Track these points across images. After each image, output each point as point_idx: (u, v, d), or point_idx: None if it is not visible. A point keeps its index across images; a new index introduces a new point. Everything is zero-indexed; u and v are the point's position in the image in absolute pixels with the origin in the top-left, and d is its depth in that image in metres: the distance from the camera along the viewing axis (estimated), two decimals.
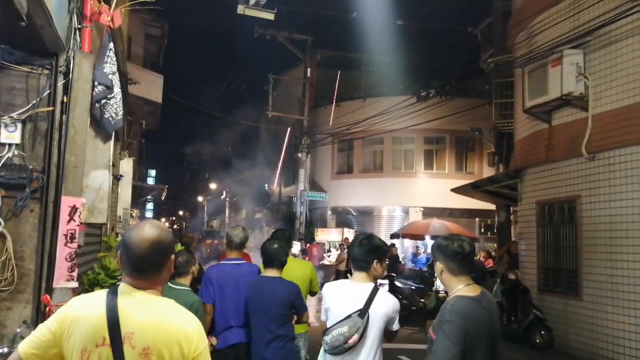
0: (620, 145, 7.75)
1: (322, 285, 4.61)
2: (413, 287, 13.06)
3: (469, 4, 20.53)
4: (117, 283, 2.71)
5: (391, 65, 22.88)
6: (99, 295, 1.93)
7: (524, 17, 10.12)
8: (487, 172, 18.66)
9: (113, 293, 1.91)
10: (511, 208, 14.49)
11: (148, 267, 1.92)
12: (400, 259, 18.41)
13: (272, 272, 4.21)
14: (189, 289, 4.13)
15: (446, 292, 2.87)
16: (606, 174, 8.03)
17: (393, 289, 11.86)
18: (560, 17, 8.93)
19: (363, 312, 3.08)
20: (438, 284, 11.69)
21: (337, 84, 23.02)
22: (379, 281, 3.29)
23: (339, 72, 23.60)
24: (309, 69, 23.68)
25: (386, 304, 3.16)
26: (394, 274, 13.40)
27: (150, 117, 19.41)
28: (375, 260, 3.24)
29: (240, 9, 6.63)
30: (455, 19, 21.21)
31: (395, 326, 3.21)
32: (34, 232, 4.55)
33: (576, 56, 8.39)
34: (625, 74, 7.73)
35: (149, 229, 1.97)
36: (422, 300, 12.29)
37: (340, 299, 3.21)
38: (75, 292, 4.64)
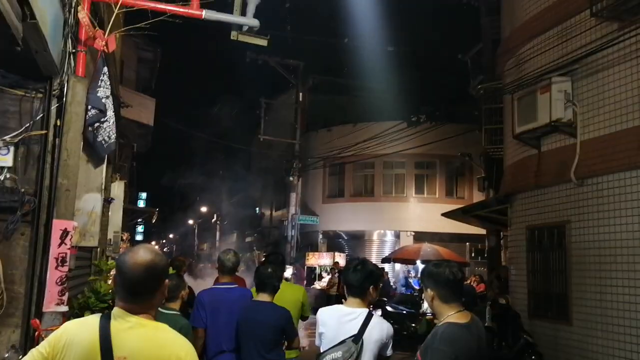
0: (608, 172, 7.84)
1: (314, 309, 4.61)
2: (404, 312, 13.02)
3: (459, 31, 20.85)
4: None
5: (382, 91, 23.14)
6: (93, 319, 1.95)
7: (512, 44, 10.30)
8: (478, 197, 18.76)
9: (106, 317, 1.92)
10: (501, 233, 14.54)
11: (142, 291, 1.94)
12: (392, 284, 18.37)
13: (264, 297, 4.21)
14: (179, 313, 4.12)
15: (433, 315, 2.89)
16: (595, 199, 8.11)
17: (384, 314, 11.82)
18: (548, 45, 9.09)
19: (357, 338, 3.09)
20: (425, 307, 11.66)
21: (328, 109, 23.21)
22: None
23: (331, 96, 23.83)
24: (300, 94, 23.86)
25: (380, 330, 3.16)
26: (384, 299, 13.36)
27: (142, 140, 19.43)
28: (371, 287, 3.26)
29: (234, 35, 6.67)
30: (445, 46, 21.53)
31: (389, 352, 3.21)
32: (25, 256, 4.52)
33: (564, 83, 8.52)
34: (612, 101, 7.86)
35: (143, 253, 1.98)
36: (413, 325, 12.25)
37: (334, 324, 3.21)
38: (65, 316, 4.60)
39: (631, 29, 7.36)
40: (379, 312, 11.66)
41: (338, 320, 3.21)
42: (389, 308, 13.09)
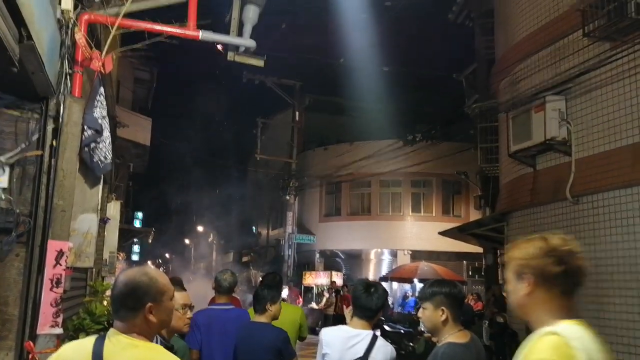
0: (603, 189, 7.87)
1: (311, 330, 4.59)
2: (402, 331, 12.95)
3: (453, 51, 21.06)
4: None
5: (378, 110, 23.27)
6: (89, 341, 1.96)
7: (507, 64, 10.39)
8: (474, 215, 18.76)
9: (102, 338, 1.93)
10: (498, 251, 14.52)
11: (120, 308, 1.95)
12: (389, 303, 18.29)
13: (261, 318, 4.18)
14: (175, 334, 4.07)
15: (431, 333, 2.87)
16: (590, 217, 8.12)
17: (382, 333, 11.75)
18: (542, 64, 9.18)
19: None
20: (422, 326, 11.60)
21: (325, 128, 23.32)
22: None
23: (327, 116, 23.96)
24: (297, 113, 23.97)
25: (384, 352, 3.16)
26: (382, 318, 13.30)
27: (138, 159, 19.43)
28: (381, 310, 3.28)
29: (230, 56, 6.73)
30: (440, 66, 21.71)
31: None
32: (19, 277, 4.48)
33: (558, 102, 8.58)
34: (606, 120, 7.92)
35: (132, 271, 2.01)
36: (411, 344, 12.16)
37: (339, 346, 3.19)
38: (60, 338, 4.56)
39: (623, 49, 7.44)
40: (378, 331, 11.59)
41: (343, 342, 3.19)
42: (386, 327, 13.01)
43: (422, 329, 11.49)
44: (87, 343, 1.95)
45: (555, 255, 1.85)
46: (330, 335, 3.29)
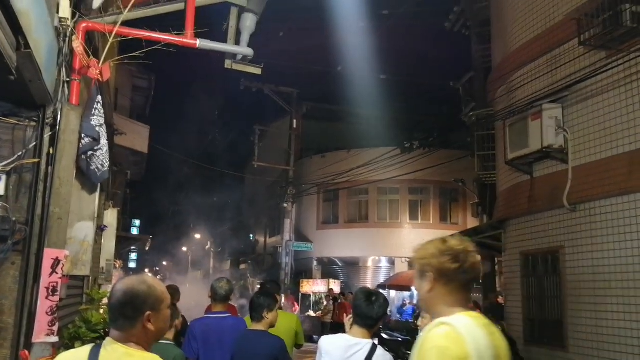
0: (600, 197, 7.89)
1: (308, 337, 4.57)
2: (400, 339, 12.91)
3: (450, 59, 21.14)
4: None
5: (375, 118, 23.32)
6: (85, 350, 1.95)
7: (503, 72, 10.43)
8: (472, 222, 18.77)
9: (98, 347, 1.93)
10: (496, 259, 14.51)
11: (118, 317, 1.94)
12: (387, 311, 18.25)
13: (257, 326, 4.16)
14: (172, 342, 4.07)
15: None
16: (588, 224, 8.13)
17: (380, 341, 11.71)
18: (538, 72, 9.21)
19: None
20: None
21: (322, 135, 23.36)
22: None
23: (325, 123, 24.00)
24: (294, 121, 23.99)
25: None
26: (380, 326, 13.26)
27: (136, 167, 19.40)
28: (381, 319, 3.28)
29: (228, 64, 6.74)
30: (437, 74, 21.77)
31: None
32: (15, 285, 4.47)
33: (555, 110, 8.62)
34: (602, 128, 7.95)
35: (130, 280, 2.00)
36: (409, 352, 12.14)
37: (339, 355, 3.18)
38: (55, 347, 4.54)
39: (618, 57, 7.49)
40: (376, 340, 11.57)
41: (343, 351, 3.18)
42: (384, 335, 12.97)
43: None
44: (83, 352, 1.94)
45: (451, 254, 2.04)
46: (329, 344, 3.28)
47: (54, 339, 4.51)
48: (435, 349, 1.85)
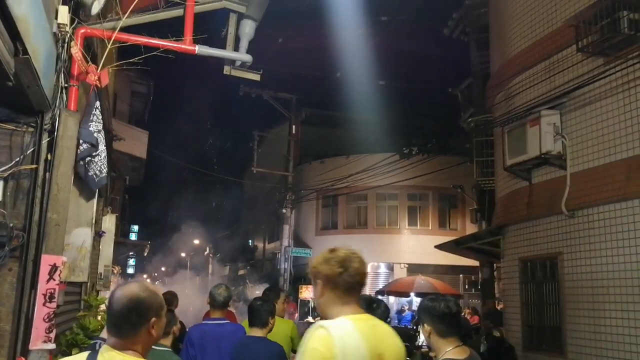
0: (598, 203, 7.89)
1: None
2: None
3: (449, 65, 21.18)
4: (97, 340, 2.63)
5: (374, 124, 23.35)
6: (82, 357, 1.95)
7: (502, 78, 10.45)
8: (470, 228, 18.76)
9: (95, 354, 1.92)
10: (495, 265, 14.50)
11: (122, 325, 1.92)
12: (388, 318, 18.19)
13: (256, 332, 4.16)
14: (170, 349, 4.05)
15: (429, 348, 2.87)
16: (586, 230, 8.13)
17: None
18: (537, 79, 9.23)
19: None
20: (422, 341, 11.55)
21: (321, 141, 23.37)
22: None
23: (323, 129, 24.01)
24: (293, 126, 24.00)
25: None
26: None
27: (135, 172, 19.41)
28: None
29: (227, 70, 6.75)
30: (436, 80, 21.82)
31: None
32: (12, 292, 4.44)
33: (553, 116, 8.63)
34: (600, 134, 7.96)
35: (132, 286, 1.99)
36: (408, 358, 12.10)
37: None
38: (53, 353, 4.52)
39: (616, 64, 7.50)
40: None
41: None
42: None
43: (421, 344, 11.45)
44: (79, 359, 1.94)
45: (336, 260, 2.24)
46: None
47: (51, 345, 4.48)
48: (308, 350, 2.08)
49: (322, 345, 2.07)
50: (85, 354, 1.96)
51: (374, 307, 3.24)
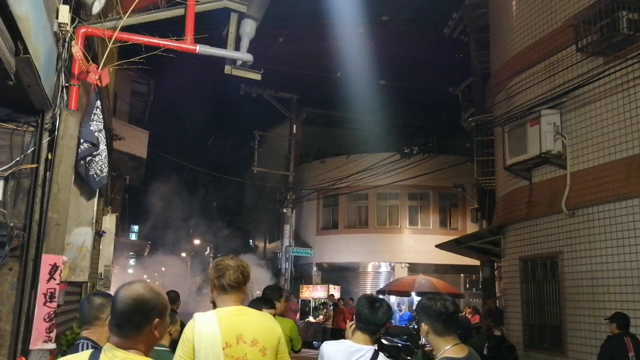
0: (598, 202, 7.90)
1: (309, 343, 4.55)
2: (399, 345, 12.88)
3: (449, 65, 21.19)
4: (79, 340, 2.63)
5: (375, 123, 23.36)
6: (84, 355, 1.95)
7: (502, 78, 10.45)
8: (471, 228, 18.76)
9: (97, 352, 1.92)
10: (495, 264, 14.51)
11: (126, 324, 1.92)
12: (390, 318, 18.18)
13: None
14: (168, 349, 4.05)
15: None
16: (586, 230, 8.14)
17: (380, 347, 11.70)
18: (537, 78, 9.24)
19: None
20: (424, 340, 11.58)
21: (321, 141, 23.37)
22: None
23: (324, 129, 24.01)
24: (294, 126, 24.00)
25: None
26: (377, 333, 13.22)
27: (135, 172, 19.40)
28: (384, 326, 3.29)
29: (228, 69, 6.75)
30: (436, 80, 21.81)
31: None
32: (12, 292, 4.44)
33: (553, 116, 8.63)
34: (600, 134, 7.97)
35: (137, 286, 1.98)
36: (409, 358, 12.12)
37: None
38: (53, 353, 4.52)
39: (615, 63, 7.52)
40: (376, 345, 11.54)
41: (345, 357, 3.17)
42: (384, 341, 12.94)
43: (424, 342, 11.48)
44: (82, 357, 1.95)
45: (216, 267, 3.03)
46: (332, 350, 3.26)
47: (52, 345, 4.48)
48: (183, 333, 2.92)
49: (188, 329, 2.89)
50: (88, 351, 1.96)
51: (376, 306, 3.25)
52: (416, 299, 17.42)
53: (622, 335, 6.26)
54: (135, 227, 28.81)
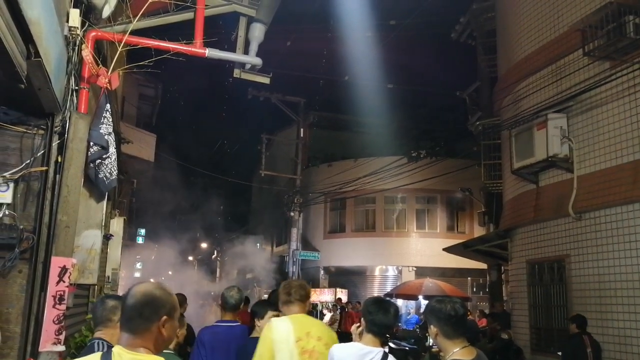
0: (605, 206, 7.88)
1: None
2: (407, 348, 12.87)
3: (457, 69, 21.18)
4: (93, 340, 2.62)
5: (382, 127, 23.33)
6: (94, 357, 1.95)
7: (509, 82, 10.45)
8: (478, 231, 18.71)
9: (108, 354, 1.92)
10: (502, 267, 14.47)
11: (135, 318, 1.93)
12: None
13: (256, 333, 4.17)
14: (172, 352, 4.06)
15: (439, 348, 2.89)
16: (593, 233, 8.12)
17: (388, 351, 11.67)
18: (543, 82, 9.23)
19: None
20: (431, 342, 11.56)
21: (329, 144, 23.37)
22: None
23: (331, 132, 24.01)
24: (301, 130, 24.03)
25: None
26: (387, 335, 13.21)
27: (142, 176, 19.49)
28: (393, 327, 3.31)
29: (237, 73, 6.78)
30: (443, 84, 21.80)
31: None
32: (22, 294, 4.46)
33: (560, 120, 8.63)
34: (607, 137, 7.96)
35: (147, 284, 2.03)
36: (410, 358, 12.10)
37: None
38: (62, 356, 4.53)
39: (622, 67, 7.51)
40: (387, 347, 11.53)
41: (354, 359, 3.19)
42: (391, 344, 12.92)
43: (431, 344, 11.47)
44: (94, 358, 1.94)
45: (285, 287, 3.92)
46: (342, 352, 3.27)
47: (61, 347, 4.49)
48: (262, 335, 3.70)
49: (267, 330, 3.66)
50: (98, 354, 1.96)
51: (385, 307, 3.26)
52: (423, 302, 17.39)
53: (581, 334, 7.29)
54: (142, 231, 28.81)
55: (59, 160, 4.73)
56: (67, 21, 4.76)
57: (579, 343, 7.23)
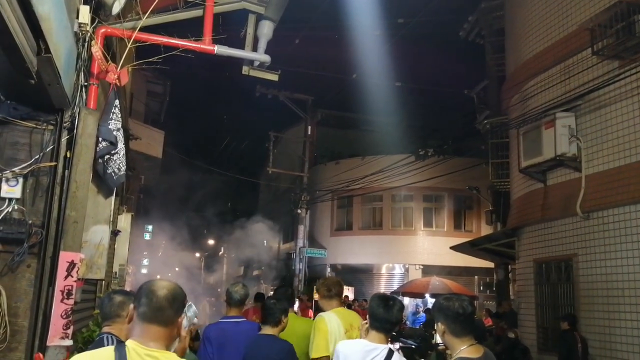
0: (613, 205, 7.85)
1: None
2: (413, 347, 12.85)
3: (465, 68, 21.10)
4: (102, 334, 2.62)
5: (390, 125, 23.29)
6: (107, 351, 1.93)
7: (517, 81, 10.41)
8: (485, 230, 18.67)
9: (121, 347, 1.91)
10: (509, 266, 14.44)
11: (167, 308, 1.94)
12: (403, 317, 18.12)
13: (267, 330, 4.18)
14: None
15: (445, 345, 2.89)
16: (601, 232, 8.09)
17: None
18: (552, 81, 9.20)
19: None
20: (438, 339, 11.55)
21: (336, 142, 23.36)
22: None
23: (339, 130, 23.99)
24: (309, 127, 24.02)
25: None
26: (394, 333, 13.20)
27: (150, 172, 19.54)
28: (398, 324, 3.32)
29: (245, 70, 6.80)
30: (452, 82, 21.73)
31: None
32: (30, 288, 4.49)
33: (568, 119, 8.59)
34: (615, 137, 7.92)
35: (164, 281, 2.04)
36: (423, 359, 12.09)
37: (356, 359, 3.21)
38: (70, 350, 4.56)
39: (631, 67, 7.47)
40: (397, 344, 11.52)
41: (361, 356, 3.19)
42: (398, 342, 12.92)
43: (437, 342, 11.47)
44: (105, 353, 1.92)
45: (324, 283, 4.55)
46: (348, 349, 3.28)
47: (69, 342, 4.52)
48: (316, 327, 4.19)
49: (320, 322, 4.15)
50: (111, 347, 1.94)
51: (390, 304, 3.27)
52: (430, 300, 17.38)
53: (572, 330, 8.00)
54: (150, 227, 28.87)
55: (68, 155, 4.75)
56: (77, 17, 4.78)
57: (572, 338, 7.92)
